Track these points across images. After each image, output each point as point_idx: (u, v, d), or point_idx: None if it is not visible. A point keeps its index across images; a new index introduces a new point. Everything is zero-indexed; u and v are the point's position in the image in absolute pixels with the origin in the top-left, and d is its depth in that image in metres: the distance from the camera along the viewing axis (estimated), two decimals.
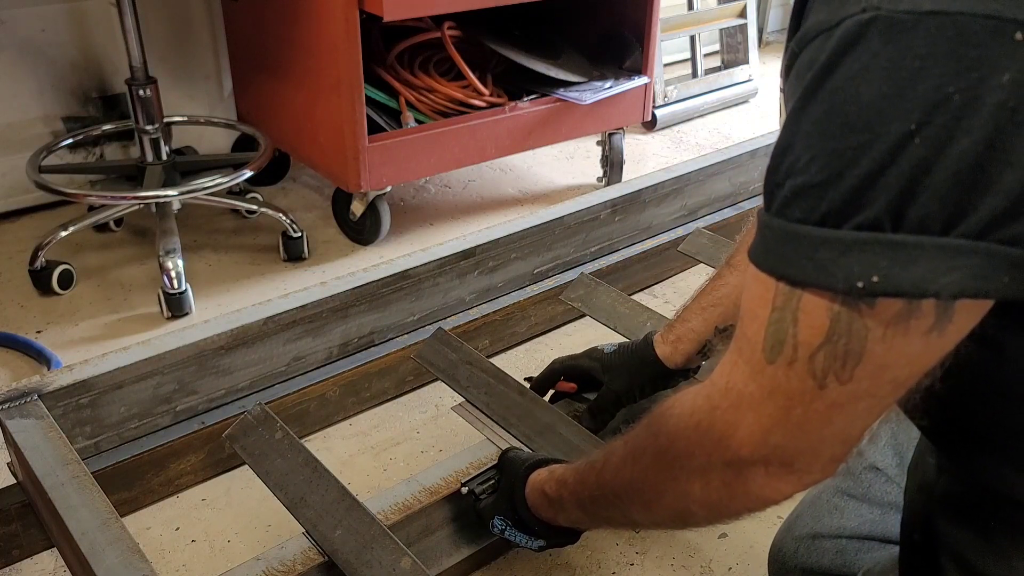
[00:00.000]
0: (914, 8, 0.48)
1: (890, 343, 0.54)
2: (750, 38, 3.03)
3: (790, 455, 0.63)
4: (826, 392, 0.58)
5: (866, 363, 0.56)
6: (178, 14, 2.21)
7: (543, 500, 0.95)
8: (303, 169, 2.38)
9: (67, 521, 0.98)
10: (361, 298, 1.46)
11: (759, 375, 0.60)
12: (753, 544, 1.25)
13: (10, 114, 2.05)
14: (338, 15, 1.73)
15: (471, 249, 1.58)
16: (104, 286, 1.86)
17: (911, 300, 0.52)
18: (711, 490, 0.68)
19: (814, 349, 0.57)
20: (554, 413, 1.21)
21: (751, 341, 0.60)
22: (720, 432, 0.64)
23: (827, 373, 0.57)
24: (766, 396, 0.61)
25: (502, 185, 2.40)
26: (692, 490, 0.70)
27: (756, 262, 0.58)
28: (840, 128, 0.52)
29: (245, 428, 1.16)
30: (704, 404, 0.66)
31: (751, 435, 0.63)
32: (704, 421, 0.66)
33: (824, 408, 0.59)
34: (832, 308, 0.55)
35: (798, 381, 0.58)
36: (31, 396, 1.17)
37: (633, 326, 1.43)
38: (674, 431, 0.70)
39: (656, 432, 0.73)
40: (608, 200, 1.78)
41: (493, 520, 1.02)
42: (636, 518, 0.82)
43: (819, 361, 0.57)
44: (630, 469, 0.78)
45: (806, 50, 0.54)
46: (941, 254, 0.50)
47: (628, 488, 0.79)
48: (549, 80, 2.14)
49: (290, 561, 1.02)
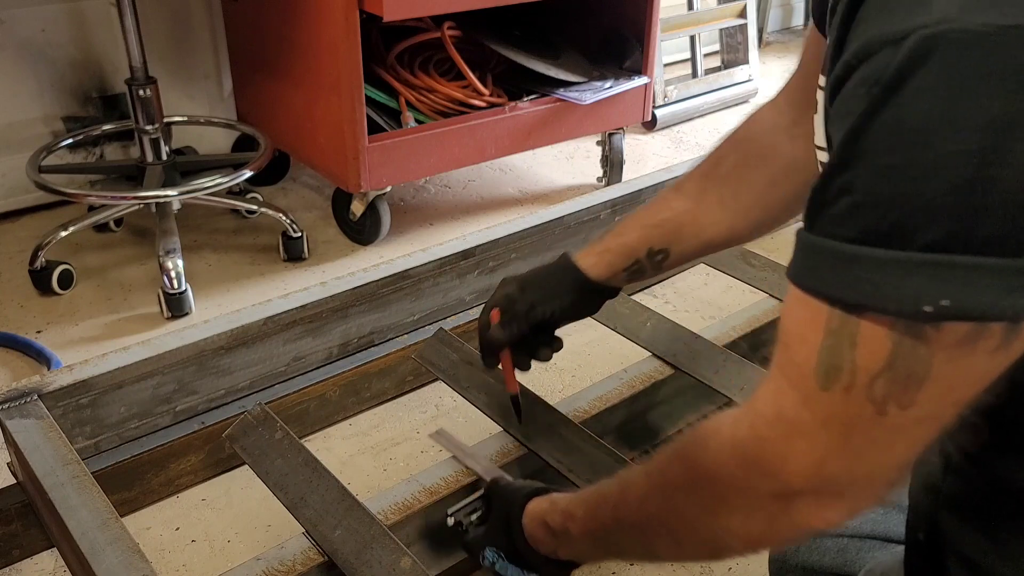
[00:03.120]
0: (990, 21, 0.46)
1: (955, 365, 0.52)
2: (750, 38, 3.03)
3: (844, 484, 0.60)
4: (886, 419, 0.55)
5: (929, 387, 0.53)
6: (178, 14, 2.21)
7: (544, 532, 0.89)
8: (303, 169, 2.38)
9: (67, 521, 0.98)
10: (361, 298, 1.46)
11: (812, 402, 0.57)
12: None
13: (10, 114, 2.05)
14: (338, 15, 1.73)
15: (471, 249, 1.58)
16: (104, 286, 1.86)
17: (980, 323, 0.50)
18: (752, 523, 0.64)
19: (874, 375, 0.54)
20: (554, 413, 1.21)
21: (800, 367, 0.57)
22: (769, 464, 0.61)
23: (888, 399, 0.54)
24: (820, 424, 0.57)
25: (502, 185, 2.40)
26: (731, 524, 0.66)
27: (802, 285, 0.55)
28: (908, 146, 0.49)
29: (245, 428, 1.16)
30: (748, 434, 0.62)
31: (804, 466, 0.59)
32: (750, 453, 0.62)
33: (884, 434, 0.56)
34: (894, 333, 0.52)
35: (856, 408, 0.55)
36: (31, 396, 1.17)
37: (633, 326, 1.43)
38: (713, 464, 0.65)
39: (690, 465, 0.68)
40: (608, 200, 1.78)
41: (484, 552, 0.95)
42: (660, 553, 0.78)
43: (879, 387, 0.54)
44: (656, 503, 0.73)
45: (867, 63, 0.51)
46: (1013, 276, 0.48)
47: (653, 523, 0.74)
48: (549, 80, 2.14)
49: (290, 561, 1.02)
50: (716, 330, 1.47)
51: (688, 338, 1.39)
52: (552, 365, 1.62)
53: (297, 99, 1.99)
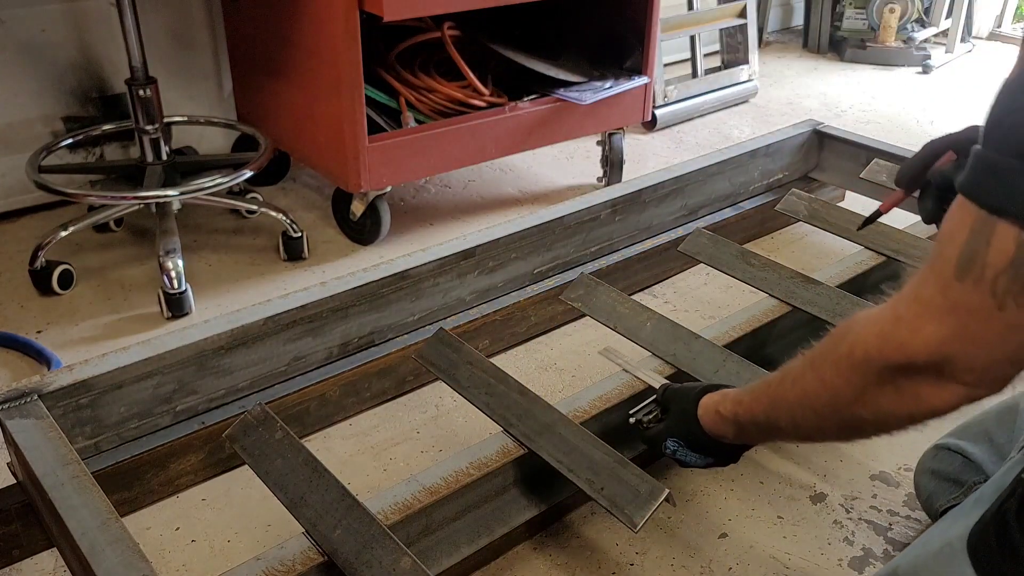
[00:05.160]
0: None
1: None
2: (750, 38, 3.03)
3: (961, 368, 0.68)
4: (1004, 313, 0.65)
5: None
6: (178, 14, 2.21)
7: (716, 419, 1.03)
8: (303, 169, 2.38)
9: (67, 521, 0.98)
10: (361, 298, 1.46)
11: (947, 289, 0.67)
12: (753, 544, 1.25)
13: (10, 114, 2.05)
14: (338, 15, 1.73)
15: (471, 249, 1.58)
16: (104, 286, 1.86)
17: None
18: (883, 395, 0.74)
19: (999, 271, 0.64)
20: (554, 412, 1.21)
21: (946, 259, 0.67)
22: (901, 338, 0.70)
23: (1007, 295, 0.64)
24: (949, 309, 0.67)
25: (502, 185, 2.40)
26: (866, 396, 0.76)
27: (963, 190, 0.66)
28: None
29: (245, 428, 1.16)
30: (888, 313, 0.72)
31: (928, 343, 0.69)
32: (887, 327, 0.72)
33: (1000, 327, 0.66)
34: (1020, 236, 0.63)
35: (980, 298, 0.65)
36: (31, 396, 1.17)
37: (633, 326, 1.43)
38: (855, 338, 0.75)
39: (838, 339, 0.78)
40: (608, 200, 1.78)
41: (666, 442, 1.10)
42: (805, 427, 0.87)
43: (1002, 283, 0.64)
44: (808, 378, 0.83)
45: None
46: None
47: (802, 397, 0.85)
48: (549, 80, 2.14)
49: (290, 561, 1.02)
50: (716, 330, 1.47)
51: (688, 338, 1.39)
52: (552, 365, 1.63)
53: (297, 99, 1.99)
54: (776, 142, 2.10)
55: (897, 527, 1.29)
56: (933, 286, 0.69)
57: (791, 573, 1.21)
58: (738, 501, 1.33)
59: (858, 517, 1.30)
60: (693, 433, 1.07)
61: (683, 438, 1.09)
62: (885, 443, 1.44)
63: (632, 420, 1.18)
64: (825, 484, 1.36)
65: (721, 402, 1.04)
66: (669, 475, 1.37)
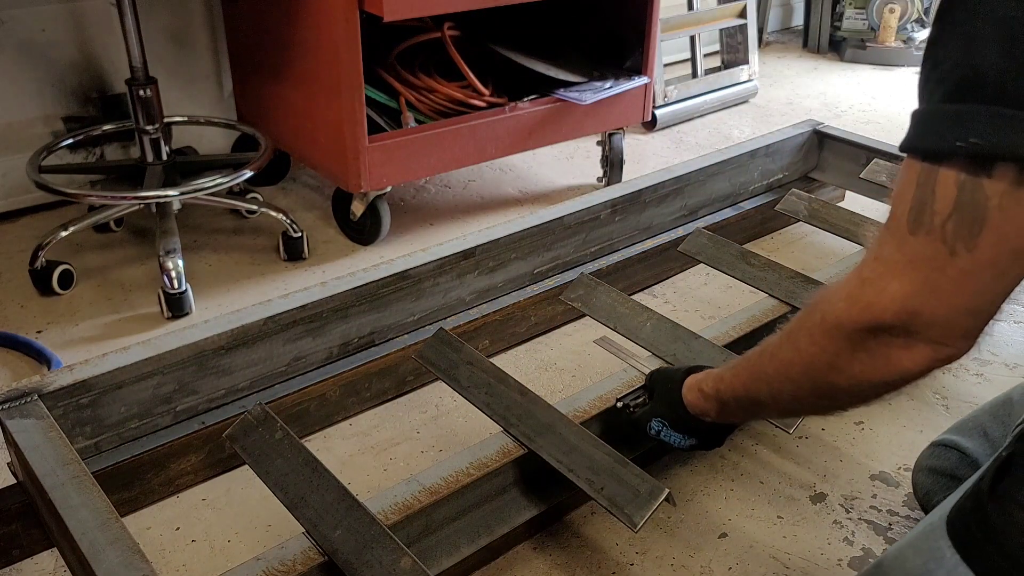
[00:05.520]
0: None
1: (1007, 212, 0.64)
2: (750, 38, 3.03)
3: (926, 322, 0.70)
4: (957, 259, 0.66)
5: (988, 231, 0.65)
6: (178, 14, 2.21)
7: (699, 397, 1.05)
8: (303, 169, 2.38)
9: (67, 521, 0.98)
10: (361, 298, 1.46)
11: (904, 245, 0.69)
12: (753, 544, 1.25)
13: (10, 114, 2.06)
14: (338, 15, 1.73)
15: (471, 249, 1.58)
16: (104, 286, 1.86)
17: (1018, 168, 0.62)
18: (856, 359, 0.75)
19: (945, 217, 0.66)
20: (554, 412, 1.21)
21: (898, 216, 0.70)
22: (867, 299, 0.72)
23: (957, 239, 0.66)
24: (908, 264, 0.69)
25: (502, 185, 2.40)
26: (839, 361, 0.77)
27: (903, 148, 0.69)
28: (965, 15, 0.64)
29: (245, 428, 1.16)
30: (854, 277, 0.74)
31: (894, 300, 0.70)
32: (854, 291, 0.74)
33: (956, 274, 0.67)
34: (959, 178, 0.65)
35: (933, 248, 0.67)
36: (31, 396, 1.17)
37: (633, 326, 1.43)
38: (827, 306, 0.77)
39: (811, 310, 0.80)
40: (608, 200, 1.78)
41: (651, 422, 1.12)
42: (783, 399, 0.89)
43: (950, 229, 0.66)
44: (785, 349, 0.85)
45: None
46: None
47: (780, 368, 0.87)
48: (549, 80, 2.14)
49: (290, 561, 1.02)
50: (716, 330, 1.47)
51: (688, 338, 1.39)
52: (552, 365, 1.63)
53: (297, 99, 1.99)
54: (776, 142, 2.10)
55: (897, 527, 1.29)
56: (891, 244, 0.71)
57: (791, 573, 1.21)
58: (738, 501, 1.33)
59: (858, 517, 1.30)
60: (677, 413, 1.09)
61: (667, 418, 1.11)
62: (885, 443, 1.45)
63: (619, 405, 1.20)
64: (825, 484, 1.36)
65: (704, 380, 1.06)
66: (669, 475, 1.37)
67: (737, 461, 1.41)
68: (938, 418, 1.50)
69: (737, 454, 1.42)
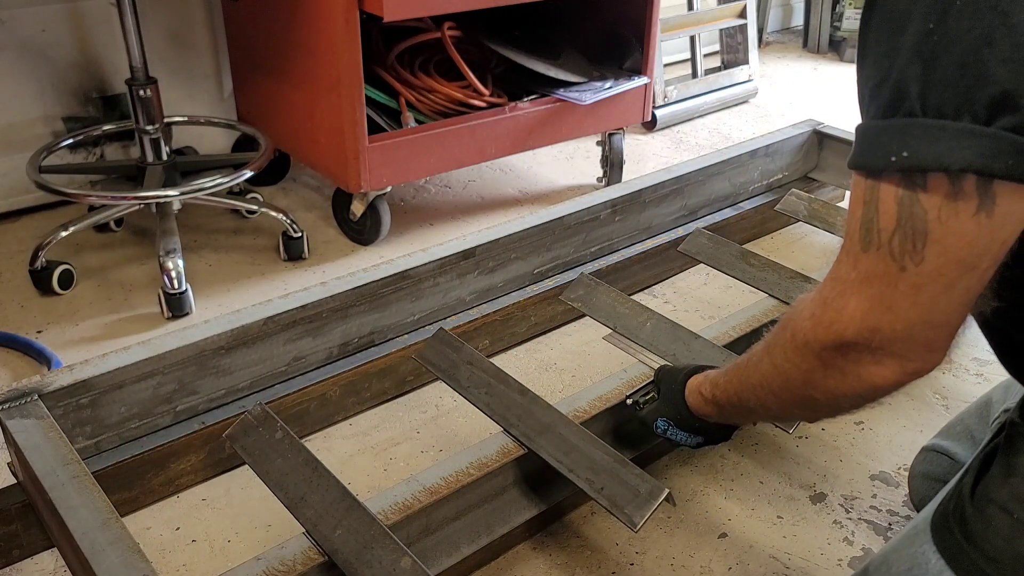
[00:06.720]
0: None
1: (946, 224, 0.65)
2: (750, 38, 3.03)
3: (887, 338, 0.70)
4: (906, 274, 0.67)
5: (931, 244, 0.66)
6: (178, 14, 2.21)
7: (700, 400, 1.07)
8: (303, 169, 2.38)
9: (67, 521, 0.98)
10: (361, 298, 1.46)
11: (857, 263, 0.70)
12: (753, 544, 1.25)
13: (10, 114, 2.06)
14: (338, 15, 1.73)
15: (471, 249, 1.58)
16: (104, 286, 1.86)
17: (951, 179, 0.63)
18: (828, 376, 0.76)
19: (891, 232, 0.67)
20: (554, 412, 1.21)
21: (851, 234, 0.71)
22: (829, 318, 0.73)
23: (903, 254, 0.67)
24: (862, 281, 0.70)
25: (502, 185, 2.40)
26: (813, 377, 0.78)
27: (850, 165, 0.70)
28: (887, 33, 0.65)
29: (245, 428, 1.16)
30: (817, 296, 0.76)
31: (853, 318, 0.71)
32: (817, 311, 0.75)
33: (907, 289, 0.68)
34: (898, 193, 0.66)
35: (883, 265, 0.68)
36: (31, 396, 1.17)
37: (633, 326, 1.43)
38: (795, 325, 0.79)
39: (784, 326, 0.82)
40: (608, 200, 1.78)
41: (656, 422, 1.13)
42: (771, 408, 0.91)
43: (896, 244, 0.67)
44: (766, 363, 0.87)
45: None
46: (956, 135, 0.62)
47: (763, 380, 0.88)
48: (549, 80, 2.14)
49: (290, 561, 1.02)
50: (716, 330, 1.47)
51: (688, 338, 1.39)
52: (552, 365, 1.63)
53: (297, 99, 1.99)
54: (776, 142, 2.10)
55: (897, 527, 1.29)
56: (846, 263, 0.72)
57: (791, 573, 1.21)
58: (738, 501, 1.33)
59: (858, 517, 1.31)
60: (681, 414, 1.10)
61: (672, 418, 1.12)
62: (885, 443, 1.45)
63: (629, 402, 1.21)
64: (825, 484, 1.37)
65: (703, 383, 1.07)
66: (669, 475, 1.37)
67: (737, 461, 1.41)
68: (938, 418, 1.50)
69: (737, 454, 1.42)
